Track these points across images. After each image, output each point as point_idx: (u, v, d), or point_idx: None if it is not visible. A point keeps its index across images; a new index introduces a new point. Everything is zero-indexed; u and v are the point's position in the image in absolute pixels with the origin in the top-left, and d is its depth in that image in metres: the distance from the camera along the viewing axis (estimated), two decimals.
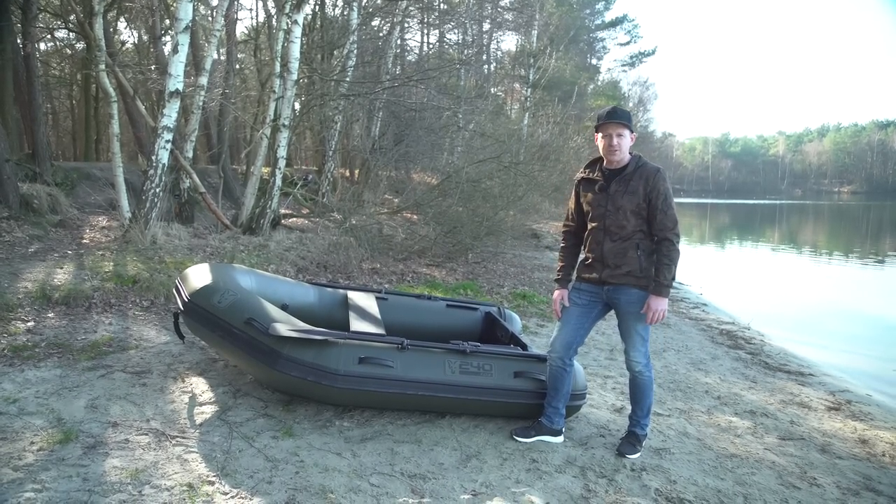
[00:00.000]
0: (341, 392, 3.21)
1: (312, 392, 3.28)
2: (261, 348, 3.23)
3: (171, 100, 7.32)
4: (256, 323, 3.30)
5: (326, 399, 3.35)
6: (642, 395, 3.29)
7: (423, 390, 3.29)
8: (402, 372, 3.26)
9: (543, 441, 3.34)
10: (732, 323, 7.34)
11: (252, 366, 3.39)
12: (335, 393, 3.22)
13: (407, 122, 12.57)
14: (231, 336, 3.35)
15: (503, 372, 3.41)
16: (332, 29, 13.03)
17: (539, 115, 22.09)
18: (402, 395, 3.29)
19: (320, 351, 3.21)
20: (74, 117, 21.66)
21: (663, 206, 3.03)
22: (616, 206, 3.10)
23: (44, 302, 5.03)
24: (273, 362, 3.18)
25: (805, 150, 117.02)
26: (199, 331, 3.66)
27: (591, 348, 5.38)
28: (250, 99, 15.57)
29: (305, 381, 3.17)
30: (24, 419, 3.13)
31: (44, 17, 12.55)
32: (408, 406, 3.44)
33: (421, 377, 3.28)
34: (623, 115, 3.12)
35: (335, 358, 3.20)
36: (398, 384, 3.25)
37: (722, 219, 36.02)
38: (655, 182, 3.05)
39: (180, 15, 7.36)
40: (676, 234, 3.05)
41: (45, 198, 8.67)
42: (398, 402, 3.36)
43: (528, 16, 22.99)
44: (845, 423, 4.12)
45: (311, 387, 3.21)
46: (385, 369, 3.24)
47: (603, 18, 42.31)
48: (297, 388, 3.31)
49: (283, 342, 3.21)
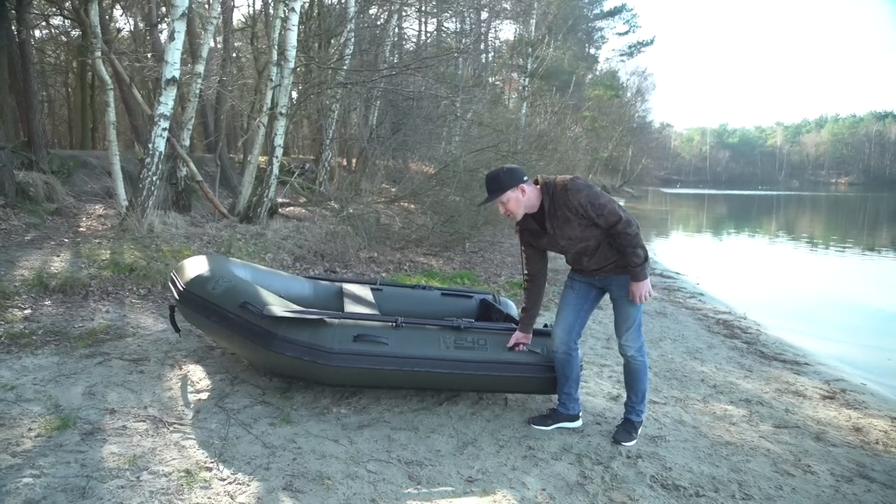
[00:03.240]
0: (337, 371, 3.20)
1: (308, 372, 3.27)
2: (256, 331, 3.24)
3: (168, 88, 7.27)
4: (251, 306, 3.31)
5: (322, 378, 3.33)
6: (635, 379, 3.31)
7: (419, 366, 3.28)
8: (396, 348, 3.26)
9: (563, 427, 3.39)
10: (729, 313, 7.36)
11: (248, 349, 3.40)
12: (331, 372, 3.21)
13: (404, 111, 12.52)
14: (226, 321, 3.36)
15: (498, 346, 3.41)
16: (330, 17, 12.93)
17: (537, 104, 22.03)
18: (398, 371, 3.27)
19: (315, 330, 3.21)
20: (70, 105, 21.51)
21: (596, 213, 3.00)
22: (567, 237, 3.11)
23: (41, 290, 5.02)
24: (268, 343, 3.19)
25: (803, 141, 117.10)
26: (195, 319, 3.67)
27: (587, 337, 5.39)
28: (247, 87, 15.48)
29: (301, 360, 3.17)
30: (22, 406, 3.13)
31: (39, 4, 12.45)
32: (403, 383, 3.43)
33: (416, 353, 3.28)
34: (493, 189, 3.06)
35: (330, 337, 3.20)
36: (393, 360, 3.25)
37: (719, 209, 36.05)
38: (570, 201, 3.01)
39: (176, 2, 7.30)
40: (625, 223, 3.00)
41: (42, 186, 8.64)
42: (394, 379, 3.34)
43: (527, 4, 22.87)
44: (840, 411, 4.15)
45: (306, 366, 3.20)
46: (380, 346, 3.24)
47: (601, 8, 42.30)
48: (293, 369, 3.30)
49: (278, 323, 3.22)
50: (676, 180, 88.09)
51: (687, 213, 32.35)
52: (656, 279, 9.22)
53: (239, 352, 3.73)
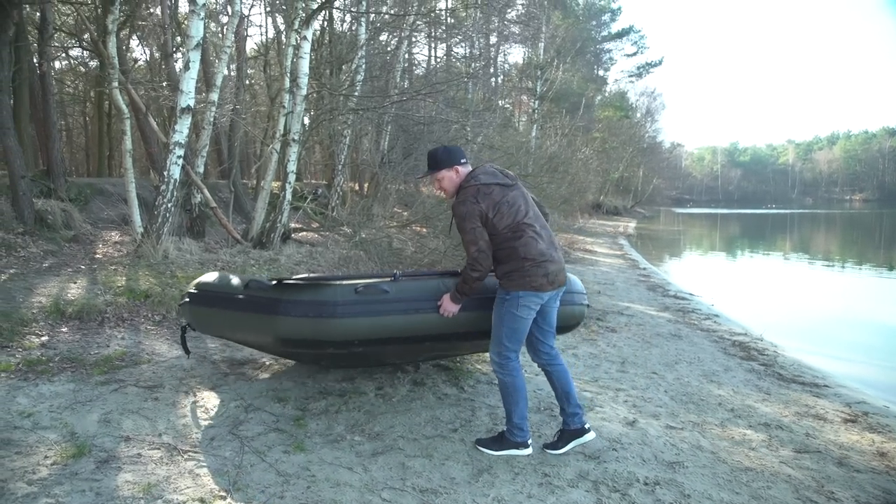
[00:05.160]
0: (341, 325, 3.21)
1: (314, 331, 3.26)
2: (262, 302, 3.36)
3: (183, 116, 7.40)
4: (256, 282, 3.49)
5: (328, 335, 3.27)
6: (503, 396, 3.29)
7: (421, 310, 3.30)
8: (398, 295, 3.32)
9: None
10: (745, 334, 7.28)
11: (256, 326, 3.46)
12: (335, 327, 3.21)
13: (416, 135, 12.63)
14: (233, 303, 3.51)
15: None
16: (341, 44, 13.14)
17: (547, 126, 22.15)
18: (401, 319, 3.29)
19: (319, 290, 3.30)
20: (88, 134, 21.93)
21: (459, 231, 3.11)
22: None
23: (57, 316, 5.08)
24: (275, 309, 3.27)
25: (815, 158, 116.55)
26: (204, 317, 3.79)
27: (601, 361, 5.35)
28: (260, 114, 15.71)
29: (307, 318, 3.21)
30: (39, 433, 3.15)
31: (59, 37, 12.76)
32: (409, 333, 3.37)
33: (417, 297, 3.33)
34: (430, 165, 3.25)
35: (333, 293, 3.27)
36: (396, 305, 3.28)
37: (732, 229, 35.82)
38: (455, 205, 3.13)
39: (191, 32, 7.46)
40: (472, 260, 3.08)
41: (60, 213, 8.78)
42: (398, 328, 3.32)
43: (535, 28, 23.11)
44: (862, 435, 4.07)
45: (312, 325, 3.23)
46: (381, 294, 3.29)
47: (609, 30, 42.63)
48: (300, 330, 3.28)
49: (283, 289, 3.33)
50: (688, 200, 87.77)
51: (700, 232, 32.17)
52: (670, 301, 9.15)
53: (248, 336, 3.77)
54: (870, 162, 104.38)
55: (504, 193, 3.16)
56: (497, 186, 3.16)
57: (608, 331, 6.58)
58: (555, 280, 3.19)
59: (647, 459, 3.36)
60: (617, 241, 20.30)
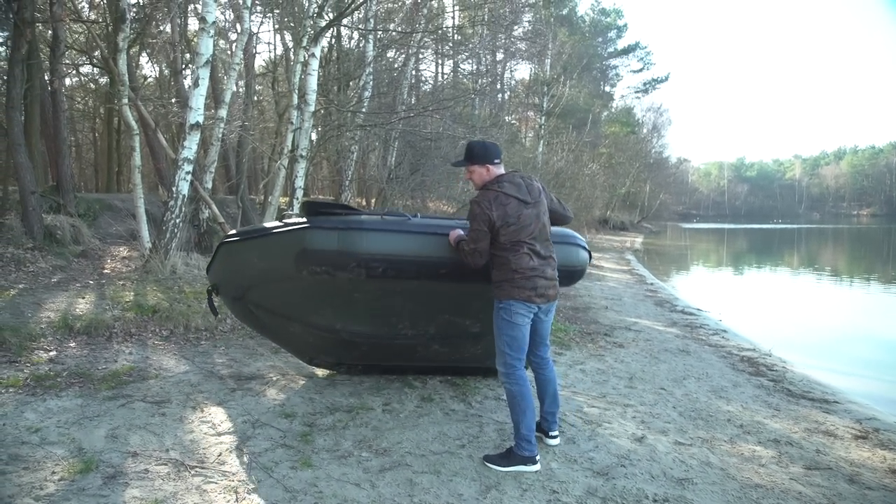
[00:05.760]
0: (366, 237, 3.41)
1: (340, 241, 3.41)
2: (293, 226, 3.53)
3: (192, 132, 7.47)
4: (286, 220, 3.77)
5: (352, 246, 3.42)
6: (510, 407, 3.37)
7: (441, 230, 3.53)
8: (416, 224, 3.57)
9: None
10: (753, 349, 7.23)
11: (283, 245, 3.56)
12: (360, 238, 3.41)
13: (423, 151, 12.69)
14: (265, 233, 3.67)
15: None
16: (349, 61, 13.28)
17: (554, 142, 22.24)
18: (418, 242, 3.49)
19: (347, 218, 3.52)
20: (97, 149, 22.15)
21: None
22: None
23: (66, 331, 5.10)
24: (303, 234, 3.44)
25: (822, 173, 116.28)
26: (234, 259, 3.92)
27: (609, 376, 5.33)
28: (268, 130, 15.84)
29: (335, 230, 3.40)
30: (46, 448, 3.15)
31: (70, 54, 12.92)
32: (422, 258, 3.52)
33: (432, 226, 3.58)
34: (466, 157, 3.44)
35: (359, 220, 3.50)
36: (414, 229, 3.52)
37: (739, 244, 35.69)
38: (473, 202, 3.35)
39: (201, 50, 7.55)
40: (468, 252, 3.31)
41: (69, 228, 8.85)
42: (413, 252, 3.49)
43: (541, 45, 23.24)
44: (874, 452, 4.02)
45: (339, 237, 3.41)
46: (403, 220, 3.56)
47: (615, 46, 42.83)
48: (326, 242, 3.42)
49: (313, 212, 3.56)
50: (695, 215, 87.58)
51: (707, 247, 32.05)
52: (678, 316, 9.11)
53: (274, 274, 3.81)
54: (877, 177, 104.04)
55: (519, 210, 3.27)
56: (515, 201, 3.27)
57: (616, 346, 6.55)
58: (544, 294, 3.33)
59: (655, 476, 3.33)
60: (624, 256, 20.26)
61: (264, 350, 5.28)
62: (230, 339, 5.55)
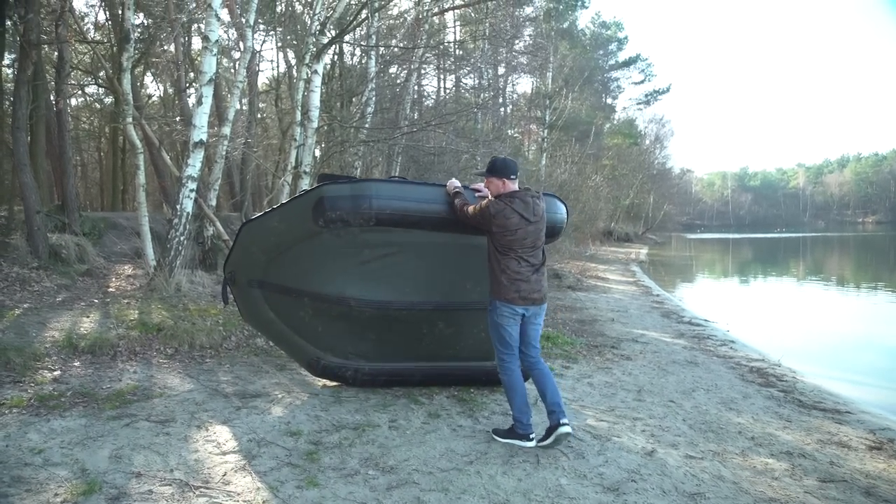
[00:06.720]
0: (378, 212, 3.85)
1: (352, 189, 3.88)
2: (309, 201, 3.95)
3: (196, 150, 7.49)
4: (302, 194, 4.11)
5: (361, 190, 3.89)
6: (505, 392, 3.90)
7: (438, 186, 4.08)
8: (420, 186, 4.14)
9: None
10: (762, 360, 7.16)
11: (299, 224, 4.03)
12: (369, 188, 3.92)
13: (426, 165, 12.70)
14: (282, 209, 4.13)
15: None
16: (351, 77, 13.33)
17: (557, 155, 22.24)
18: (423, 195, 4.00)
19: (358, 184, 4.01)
20: (102, 168, 22.27)
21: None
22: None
23: (70, 351, 5.08)
24: (320, 201, 3.85)
25: (826, 181, 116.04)
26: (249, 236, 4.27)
27: (617, 389, 5.27)
28: (272, 147, 15.88)
29: (347, 184, 3.92)
30: (49, 470, 3.12)
31: (75, 75, 13.05)
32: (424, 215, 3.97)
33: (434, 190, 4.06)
34: (487, 168, 3.88)
35: (369, 184, 4.00)
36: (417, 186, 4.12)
37: (744, 253, 35.54)
38: None
39: (204, 68, 7.59)
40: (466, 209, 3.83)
41: (73, 247, 8.86)
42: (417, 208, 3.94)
43: (543, 58, 23.30)
44: (889, 463, 3.95)
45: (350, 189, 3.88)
46: (408, 182, 4.26)
47: (616, 58, 42.93)
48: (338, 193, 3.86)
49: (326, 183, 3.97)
50: (699, 225, 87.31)
51: (712, 257, 31.94)
52: (685, 327, 9.04)
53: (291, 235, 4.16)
54: (881, 184, 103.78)
55: (519, 226, 3.68)
56: (519, 218, 3.66)
57: (623, 359, 6.50)
58: (527, 297, 3.70)
59: (667, 491, 3.28)
60: (629, 267, 20.18)
61: (269, 367, 5.25)
62: (235, 356, 5.52)
